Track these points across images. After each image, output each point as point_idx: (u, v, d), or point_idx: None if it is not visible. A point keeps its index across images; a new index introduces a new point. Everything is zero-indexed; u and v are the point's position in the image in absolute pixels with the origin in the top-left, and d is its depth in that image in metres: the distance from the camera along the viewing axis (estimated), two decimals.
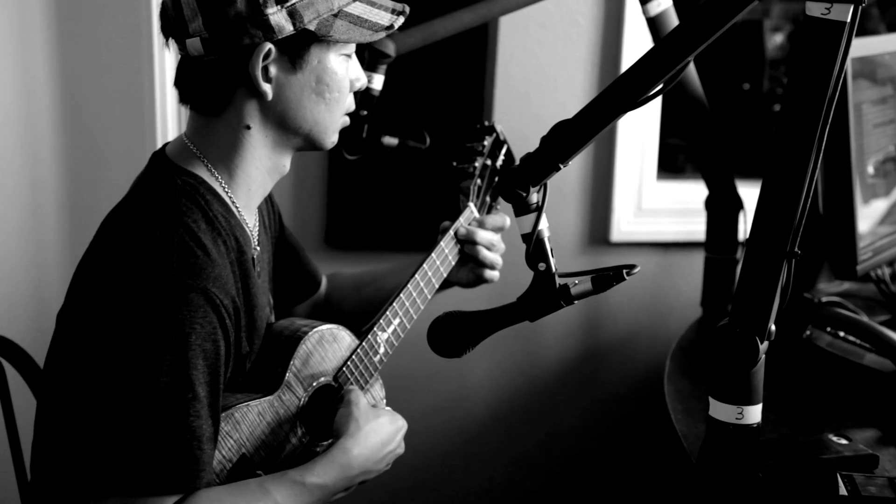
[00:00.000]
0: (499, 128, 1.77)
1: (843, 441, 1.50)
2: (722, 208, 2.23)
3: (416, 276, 1.60)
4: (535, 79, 2.45)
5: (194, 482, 1.26)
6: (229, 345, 1.33)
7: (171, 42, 1.37)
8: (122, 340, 1.25)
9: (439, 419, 2.64)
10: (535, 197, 1.41)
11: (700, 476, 1.36)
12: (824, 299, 1.95)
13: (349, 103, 1.45)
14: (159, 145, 2.24)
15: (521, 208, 1.42)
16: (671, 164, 3.00)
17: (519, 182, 1.39)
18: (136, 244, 1.30)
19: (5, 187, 2.22)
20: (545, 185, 1.42)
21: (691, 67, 2.10)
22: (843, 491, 1.33)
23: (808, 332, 1.85)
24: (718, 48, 3.04)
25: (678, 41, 1.29)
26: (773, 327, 1.30)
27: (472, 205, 1.70)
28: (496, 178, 1.76)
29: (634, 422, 2.70)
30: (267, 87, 1.35)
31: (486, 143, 1.73)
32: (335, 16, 1.36)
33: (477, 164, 1.71)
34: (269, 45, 1.32)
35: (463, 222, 1.67)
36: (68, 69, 2.23)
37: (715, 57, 3.03)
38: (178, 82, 1.40)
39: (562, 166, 1.38)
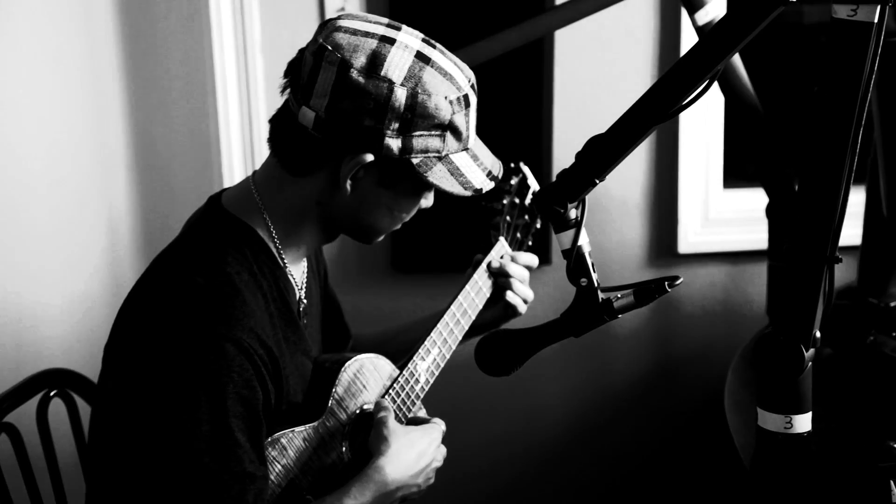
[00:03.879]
0: (525, 168, 1.80)
1: None
2: (783, 215, 2.20)
3: (452, 307, 1.63)
4: (594, 94, 2.45)
5: None
6: (268, 392, 1.35)
7: (288, 94, 1.39)
8: (163, 391, 1.28)
9: (511, 435, 2.64)
10: (573, 213, 1.41)
11: (753, 488, 1.34)
12: (892, 304, 1.90)
13: None
14: (226, 183, 2.33)
15: (560, 224, 1.42)
16: (742, 172, 2.96)
17: (556, 198, 1.39)
18: (177, 292, 1.33)
19: (85, 228, 2.30)
20: (583, 201, 1.42)
21: (741, 72, 2.08)
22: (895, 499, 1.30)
23: (871, 338, 1.81)
24: (786, 51, 3.01)
25: (705, 51, 1.28)
26: (817, 334, 1.28)
27: (503, 239, 1.73)
28: (525, 216, 1.80)
29: (704, 433, 2.66)
30: (348, 185, 1.37)
31: (512, 182, 1.77)
32: (439, 159, 1.38)
33: (505, 202, 1.75)
34: (370, 157, 1.35)
35: (495, 255, 1.70)
36: (138, 112, 2.31)
37: (782, 61, 2.98)
38: (275, 130, 1.42)
39: (598, 181, 1.37)
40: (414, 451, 1.47)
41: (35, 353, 2.22)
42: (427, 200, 1.49)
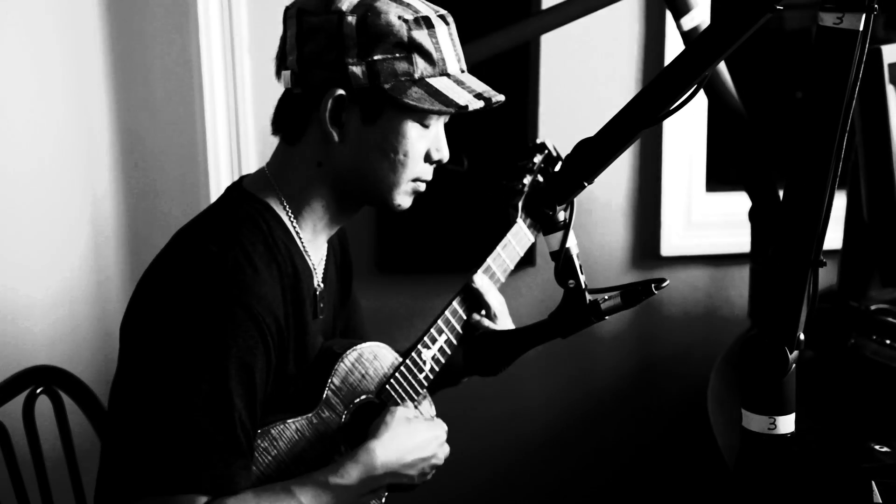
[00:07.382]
0: (550, 145, 1.77)
1: (886, 449, 1.48)
2: (766, 219, 2.22)
3: (458, 297, 1.61)
4: (579, 98, 2.47)
5: (227, 485, 1.29)
6: (270, 361, 1.36)
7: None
8: (169, 347, 1.30)
9: (494, 436, 2.65)
10: (562, 215, 1.43)
11: (736, 488, 1.36)
12: (872, 307, 1.93)
13: (420, 170, 1.45)
14: (211, 179, 2.34)
15: (549, 226, 1.44)
16: (725, 176, 2.97)
17: (545, 201, 1.41)
18: (191, 258, 1.35)
19: (69, 224, 2.29)
20: (572, 203, 1.43)
21: (726, 77, 2.10)
22: (877, 499, 1.32)
23: (852, 341, 1.83)
24: (770, 56, 3.03)
25: (693, 57, 1.30)
26: (801, 336, 1.29)
27: (520, 221, 1.71)
28: None
29: (687, 435, 2.68)
30: (334, 131, 1.39)
31: (536, 160, 1.74)
32: (414, 82, 1.38)
33: (526, 182, 1.72)
34: (339, 91, 1.36)
35: (511, 238, 1.69)
36: (124, 108, 2.31)
37: (767, 65, 3.01)
38: (275, 111, 1.46)
39: (586, 184, 1.39)
40: (412, 441, 1.46)
41: (17, 349, 2.21)
42: (432, 140, 1.44)
